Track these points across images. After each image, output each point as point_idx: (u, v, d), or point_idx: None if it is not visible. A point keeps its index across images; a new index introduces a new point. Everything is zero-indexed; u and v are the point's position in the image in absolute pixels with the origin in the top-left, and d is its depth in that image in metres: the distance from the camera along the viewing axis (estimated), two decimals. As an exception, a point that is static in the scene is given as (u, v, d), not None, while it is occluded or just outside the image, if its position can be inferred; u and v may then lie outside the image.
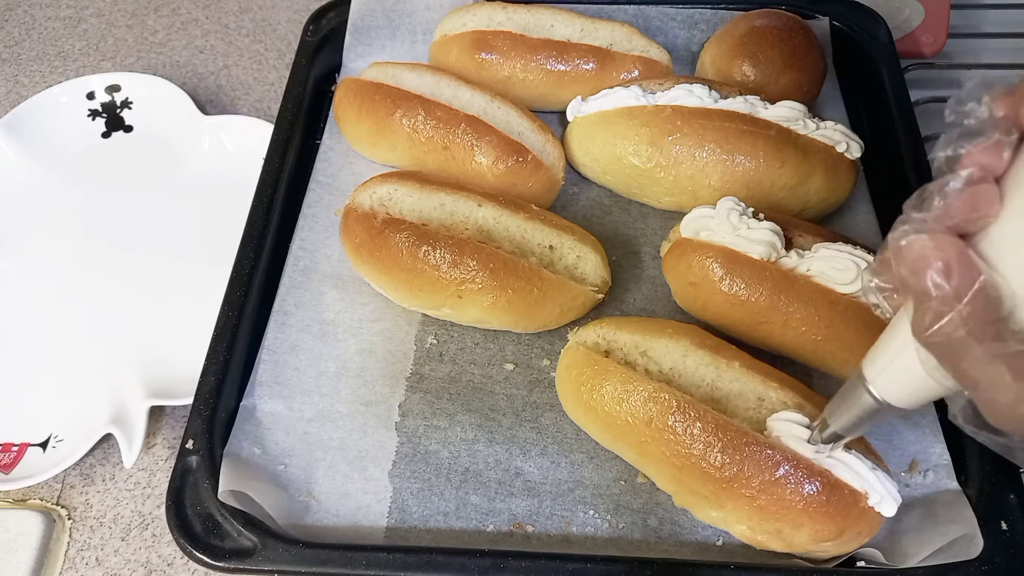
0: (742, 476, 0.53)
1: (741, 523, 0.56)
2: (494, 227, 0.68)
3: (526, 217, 0.68)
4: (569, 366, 0.63)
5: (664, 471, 0.58)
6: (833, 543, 0.54)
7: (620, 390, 0.58)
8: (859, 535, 0.54)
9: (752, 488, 0.53)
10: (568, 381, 0.62)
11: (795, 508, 0.53)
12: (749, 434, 0.54)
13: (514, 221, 0.68)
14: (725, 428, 0.54)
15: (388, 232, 0.67)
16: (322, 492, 0.62)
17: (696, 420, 0.55)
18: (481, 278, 0.65)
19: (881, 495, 0.53)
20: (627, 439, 0.59)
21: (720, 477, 0.54)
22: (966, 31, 0.98)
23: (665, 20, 0.88)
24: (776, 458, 0.53)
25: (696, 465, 0.55)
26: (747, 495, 0.54)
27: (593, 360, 0.61)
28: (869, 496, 0.53)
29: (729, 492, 0.54)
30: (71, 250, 0.84)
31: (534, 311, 0.67)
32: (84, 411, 0.72)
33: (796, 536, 0.54)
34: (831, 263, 0.63)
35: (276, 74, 1.04)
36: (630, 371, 0.59)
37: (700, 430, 0.55)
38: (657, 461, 0.58)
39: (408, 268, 0.66)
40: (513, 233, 0.68)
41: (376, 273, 0.69)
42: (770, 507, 0.53)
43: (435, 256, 0.65)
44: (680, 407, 0.56)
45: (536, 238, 0.68)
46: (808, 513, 0.53)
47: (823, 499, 0.52)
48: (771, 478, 0.53)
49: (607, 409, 0.59)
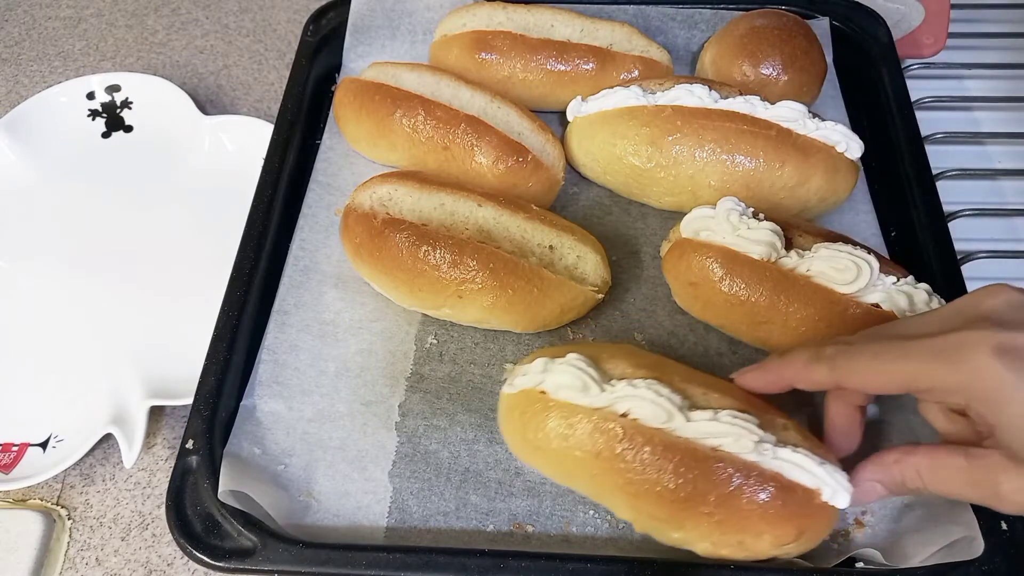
0: (697, 494, 0.52)
1: (703, 540, 0.55)
2: (494, 227, 0.68)
3: (526, 217, 0.68)
4: (510, 409, 0.60)
5: (620, 500, 0.56)
6: (794, 544, 0.54)
7: (564, 425, 0.56)
8: (818, 532, 0.55)
9: (709, 504, 0.52)
10: (511, 424, 0.60)
11: (754, 517, 0.52)
12: (698, 450, 0.53)
13: (514, 221, 0.68)
14: (674, 448, 0.53)
15: (388, 232, 0.66)
16: (322, 492, 0.62)
17: (644, 444, 0.53)
18: (481, 278, 0.65)
19: (833, 489, 0.53)
20: (580, 473, 0.57)
21: (675, 499, 0.53)
22: (966, 31, 0.98)
23: (665, 20, 0.88)
24: (728, 470, 0.52)
25: (650, 490, 0.54)
26: (705, 512, 0.53)
27: (533, 398, 0.58)
28: (822, 492, 0.53)
29: (687, 512, 0.53)
30: (71, 250, 0.84)
31: (534, 311, 0.67)
32: (84, 411, 0.72)
33: (758, 544, 0.54)
34: (831, 263, 0.63)
35: (276, 74, 1.04)
36: (571, 404, 0.56)
37: (649, 454, 0.53)
38: (612, 492, 0.56)
39: (408, 268, 0.66)
40: (513, 233, 0.68)
41: (376, 273, 0.69)
42: (729, 520, 0.53)
43: (435, 256, 0.65)
44: (627, 434, 0.54)
45: (536, 238, 0.68)
46: (767, 520, 0.52)
47: (779, 503, 0.52)
48: (726, 491, 0.52)
49: (554, 447, 0.57)
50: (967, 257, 0.74)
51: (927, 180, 0.75)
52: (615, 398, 0.55)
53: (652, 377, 0.56)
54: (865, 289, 0.62)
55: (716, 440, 0.53)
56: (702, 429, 0.54)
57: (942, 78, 0.96)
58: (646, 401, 0.54)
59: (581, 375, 0.56)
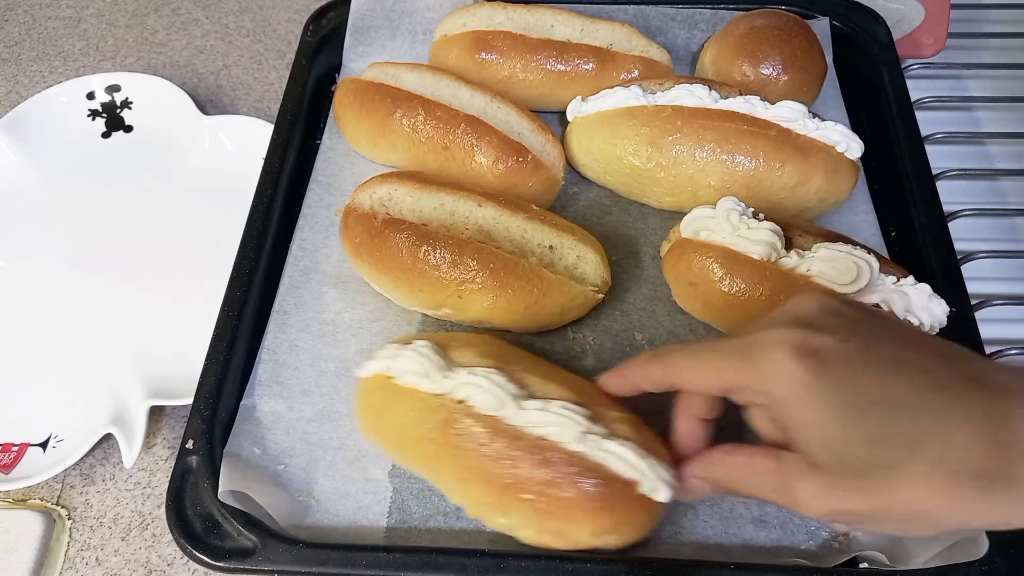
0: (520, 481, 0.53)
1: (526, 527, 0.56)
2: (494, 227, 0.68)
3: (526, 217, 0.68)
4: (361, 392, 0.62)
5: (452, 485, 0.58)
6: (613, 536, 0.55)
7: (405, 409, 0.58)
8: (638, 525, 0.55)
9: (530, 491, 0.53)
10: (360, 407, 0.62)
11: (572, 506, 0.53)
12: (525, 438, 0.54)
13: (514, 221, 0.68)
14: (502, 435, 0.54)
15: (388, 232, 0.66)
16: (322, 492, 0.62)
17: (474, 430, 0.55)
18: (481, 278, 0.65)
19: (652, 482, 0.53)
20: (417, 458, 0.59)
21: (500, 484, 0.54)
22: (966, 31, 0.98)
23: (665, 20, 0.88)
24: (550, 459, 0.53)
25: (477, 475, 0.55)
26: (526, 499, 0.54)
27: (381, 383, 0.60)
28: (642, 484, 0.53)
29: (510, 498, 0.54)
30: (71, 250, 0.84)
31: (534, 311, 0.67)
32: (84, 411, 0.72)
33: (577, 533, 0.54)
34: (831, 263, 0.63)
35: (276, 74, 1.04)
36: (414, 390, 0.58)
37: (477, 440, 0.54)
38: (444, 476, 0.57)
39: (408, 268, 0.66)
40: (513, 233, 0.68)
41: (376, 273, 0.69)
42: (549, 508, 0.53)
43: (435, 256, 0.65)
44: (459, 419, 0.55)
45: (536, 238, 0.68)
46: (584, 509, 0.53)
47: (596, 493, 0.52)
48: (546, 479, 0.53)
49: (397, 431, 0.59)
50: (967, 257, 0.74)
51: (927, 180, 0.75)
52: (455, 385, 0.57)
53: (494, 366, 0.58)
54: (865, 289, 0.62)
55: (543, 429, 0.54)
56: (531, 418, 0.55)
57: (942, 78, 0.96)
58: (481, 389, 0.55)
59: (424, 362, 0.58)
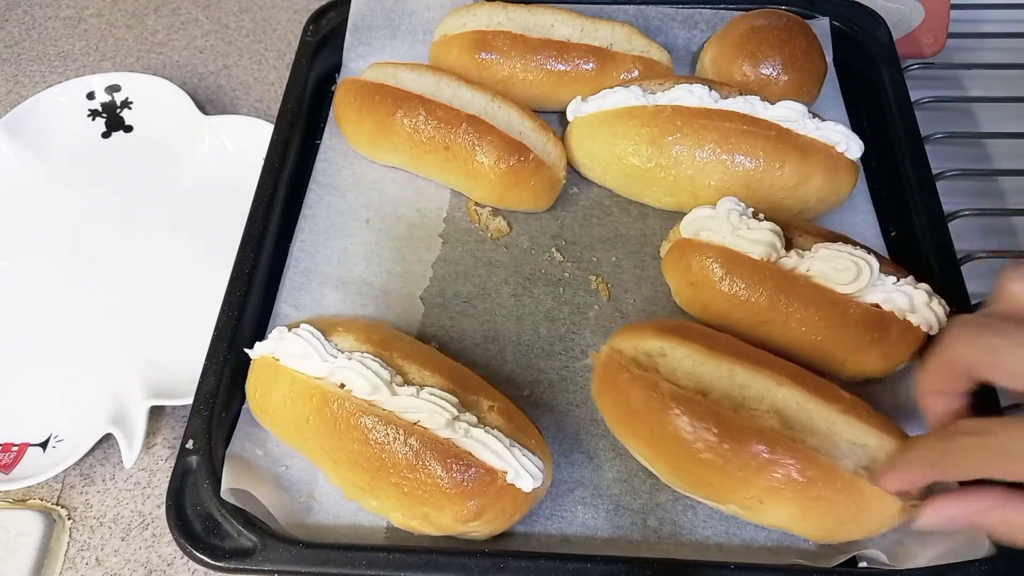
0: (388, 464, 0.55)
1: (396, 511, 0.57)
2: (796, 414, 0.55)
3: (840, 409, 0.56)
4: (249, 375, 0.64)
5: (328, 466, 0.59)
6: (478, 523, 0.56)
7: (286, 391, 0.60)
8: (503, 512, 0.56)
9: (399, 475, 0.55)
10: (249, 389, 0.64)
11: (436, 491, 0.54)
12: (397, 423, 0.55)
13: (823, 412, 0.56)
14: (374, 419, 0.56)
15: (678, 410, 0.55)
16: (323, 493, 0.62)
17: (348, 414, 0.57)
18: (792, 484, 0.53)
19: (517, 471, 0.54)
20: (296, 439, 0.61)
21: (370, 468, 0.56)
22: (966, 31, 0.98)
23: (665, 20, 0.88)
24: (417, 444, 0.55)
25: (350, 458, 0.57)
26: (394, 482, 0.55)
27: (267, 364, 0.62)
28: (507, 473, 0.54)
29: (380, 481, 0.56)
30: (71, 250, 0.84)
31: (848, 527, 0.55)
32: (84, 411, 0.72)
33: (441, 518, 0.56)
34: (831, 263, 0.63)
35: (276, 74, 1.04)
36: (295, 372, 0.60)
37: (350, 423, 0.56)
38: (320, 457, 0.59)
39: (696, 459, 0.55)
40: (819, 426, 0.55)
41: (641, 446, 0.59)
42: (415, 492, 0.55)
43: (740, 452, 0.54)
44: (327, 400, 0.57)
45: (846, 434, 0.55)
46: (447, 495, 0.54)
47: (459, 479, 0.54)
48: (413, 463, 0.55)
49: (279, 412, 0.61)
50: (967, 257, 0.74)
51: (927, 180, 0.75)
52: (334, 368, 0.59)
53: (373, 352, 0.60)
54: (865, 289, 0.62)
55: (415, 415, 0.56)
56: (403, 404, 0.56)
57: (942, 78, 0.96)
58: (357, 373, 0.57)
59: (306, 345, 0.60)
